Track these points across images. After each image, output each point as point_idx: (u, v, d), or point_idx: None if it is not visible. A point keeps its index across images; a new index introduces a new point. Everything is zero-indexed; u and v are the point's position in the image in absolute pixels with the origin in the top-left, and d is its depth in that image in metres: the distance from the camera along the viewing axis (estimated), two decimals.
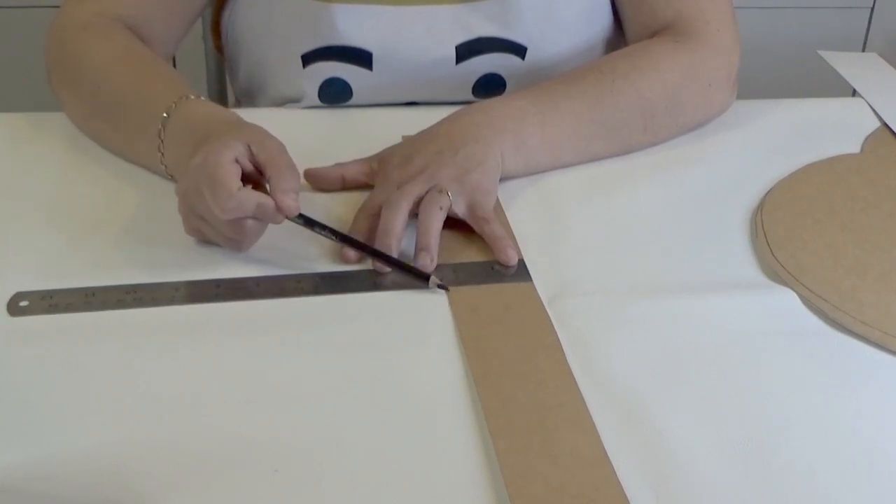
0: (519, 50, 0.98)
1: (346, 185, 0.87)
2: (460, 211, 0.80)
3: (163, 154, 0.84)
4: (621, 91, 0.91)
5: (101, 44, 0.92)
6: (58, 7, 0.97)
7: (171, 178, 0.85)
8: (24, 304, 0.74)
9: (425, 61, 0.98)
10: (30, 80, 1.77)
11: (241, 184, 0.74)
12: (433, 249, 0.77)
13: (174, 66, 1.04)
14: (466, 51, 0.98)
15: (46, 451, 0.62)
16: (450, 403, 0.66)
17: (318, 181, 0.86)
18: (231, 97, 1.25)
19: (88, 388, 0.67)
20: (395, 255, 0.77)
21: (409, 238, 0.79)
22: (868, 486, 0.61)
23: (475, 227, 0.80)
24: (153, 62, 0.91)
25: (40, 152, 0.92)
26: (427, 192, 0.80)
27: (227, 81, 1.33)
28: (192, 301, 0.75)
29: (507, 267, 0.78)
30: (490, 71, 0.99)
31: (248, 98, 1.09)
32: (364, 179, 0.86)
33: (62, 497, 0.60)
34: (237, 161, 0.75)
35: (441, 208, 0.79)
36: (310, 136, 0.94)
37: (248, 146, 0.76)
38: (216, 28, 1.10)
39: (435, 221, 0.78)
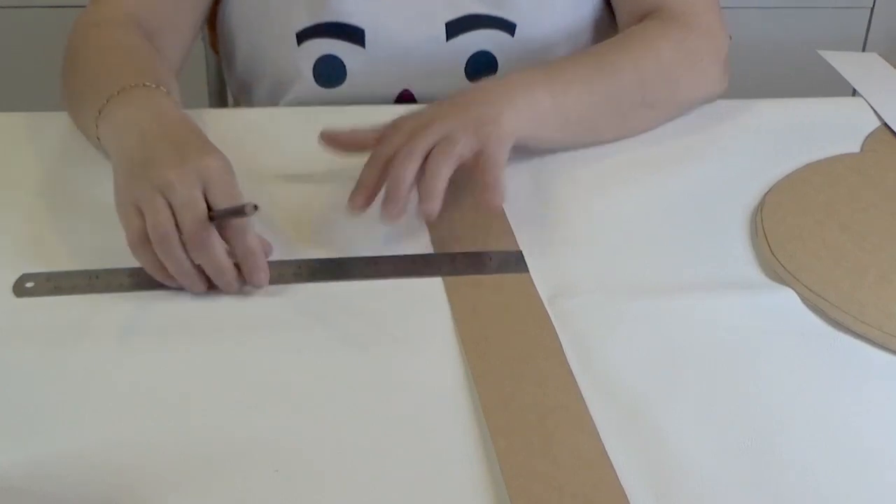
0: (508, 27, 0.99)
1: (362, 149, 0.83)
2: (467, 155, 0.79)
3: (100, 113, 0.83)
4: (621, 65, 0.92)
5: (102, 36, 0.93)
6: (57, 7, 0.97)
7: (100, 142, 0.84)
8: (29, 285, 0.75)
9: (416, 38, 1.00)
10: (30, 80, 1.77)
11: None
12: (439, 196, 0.76)
13: None
14: (456, 27, 0.99)
15: (46, 451, 0.62)
16: (450, 403, 0.66)
17: (336, 143, 0.85)
18: (230, 97, 1.25)
19: (88, 387, 0.67)
20: (402, 205, 0.76)
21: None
22: (868, 485, 0.61)
23: (478, 167, 0.79)
24: (138, 51, 0.92)
25: (42, 151, 0.92)
26: (439, 142, 0.79)
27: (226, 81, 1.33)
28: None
29: (491, 207, 0.77)
30: (481, 48, 1.00)
31: (245, 91, 1.10)
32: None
33: (62, 497, 0.60)
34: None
35: (452, 155, 0.78)
36: (308, 136, 0.94)
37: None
38: (212, 24, 1.11)
39: (444, 167, 0.77)
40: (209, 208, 0.72)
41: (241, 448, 0.62)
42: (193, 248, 0.72)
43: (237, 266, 0.74)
